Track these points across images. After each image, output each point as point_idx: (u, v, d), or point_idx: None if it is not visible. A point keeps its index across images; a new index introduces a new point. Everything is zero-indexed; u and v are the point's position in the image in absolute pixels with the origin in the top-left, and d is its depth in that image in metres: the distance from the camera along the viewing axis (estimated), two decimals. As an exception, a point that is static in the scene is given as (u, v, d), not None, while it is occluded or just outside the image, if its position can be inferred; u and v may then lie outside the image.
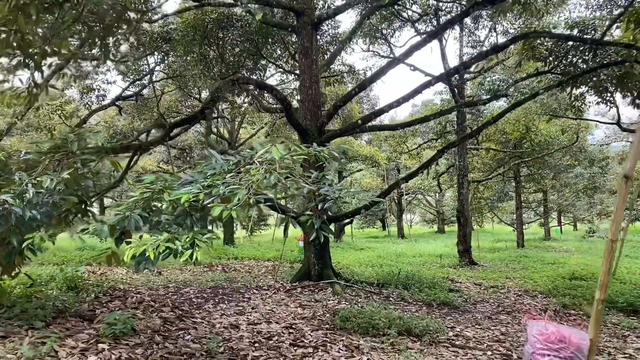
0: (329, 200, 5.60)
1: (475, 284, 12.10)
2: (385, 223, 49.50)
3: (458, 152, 17.75)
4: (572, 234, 39.38)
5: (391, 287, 9.61)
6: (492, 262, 18.44)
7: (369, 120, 9.08)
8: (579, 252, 22.90)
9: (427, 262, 17.94)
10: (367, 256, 19.32)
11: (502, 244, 28.71)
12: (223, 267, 13.19)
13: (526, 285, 12.46)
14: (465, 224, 17.59)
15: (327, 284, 9.14)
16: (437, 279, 11.09)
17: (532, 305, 9.12)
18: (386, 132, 24.45)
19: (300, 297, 8.42)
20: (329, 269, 9.49)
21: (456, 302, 8.64)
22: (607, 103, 13.18)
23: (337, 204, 5.72)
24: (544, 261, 18.31)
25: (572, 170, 26.27)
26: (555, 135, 19.77)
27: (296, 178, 4.79)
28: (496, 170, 23.13)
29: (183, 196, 4.22)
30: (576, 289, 10.72)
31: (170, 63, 20.11)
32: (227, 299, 8.22)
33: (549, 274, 14.25)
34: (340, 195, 5.51)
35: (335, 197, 5.58)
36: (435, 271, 15.01)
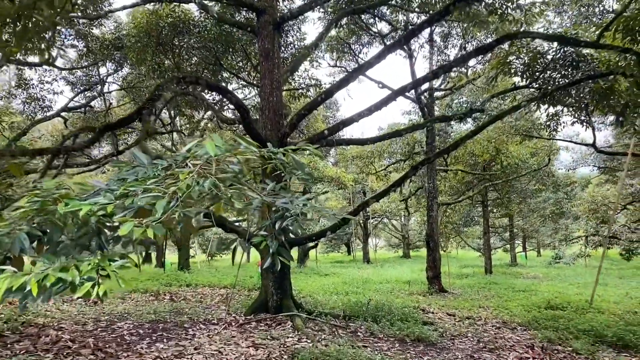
0: (289, 218, 4.53)
1: (449, 315, 11.13)
2: (351, 247, 48.52)
3: (427, 173, 16.99)
4: (536, 260, 39.25)
5: (359, 320, 8.51)
6: (461, 289, 17.60)
7: (336, 130, 8.09)
8: (547, 279, 22.40)
9: (394, 289, 16.94)
10: (332, 282, 18.19)
11: (469, 270, 28.06)
12: (172, 296, 11.82)
13: (502, 315, 11.59)
14: (434, 249, 16.73)
15: (287, 317, 7.98)
16: (409, 310, 10.07)
17: (514, 340, 8.18)
18: (353, 152, 23.63)
19: (254, 333, 7.22)
20: (289, 299, 8.33)
21: (432, 337, 7.61)
22: (583, 123, 12.66)
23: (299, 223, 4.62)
24: (515, 288, 17.60)
25: (540, 195, 25.99)
26: (525, 159, 19.34)
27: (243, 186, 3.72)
28: (465, 194, 22.52)
29: (83, 208, 3.06)
30: (557, 320, 9.90)
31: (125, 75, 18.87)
32: (167, 336, 6.95)
33: (523, 302, 13.46)
34: (303, 211, 4.45)
35: (297, 214, 4.52)
36: (404, 299, 14.02)
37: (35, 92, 17.22)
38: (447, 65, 8.39)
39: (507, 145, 18.01)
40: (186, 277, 16.67)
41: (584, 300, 13.55)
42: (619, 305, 13.33)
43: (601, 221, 27.67)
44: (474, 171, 21.31)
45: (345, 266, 33.13)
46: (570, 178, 28.43)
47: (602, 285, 19.39)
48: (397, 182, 8.34)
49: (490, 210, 26.86)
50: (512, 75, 11.44)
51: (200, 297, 12.22)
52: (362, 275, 22.20)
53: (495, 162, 20.11)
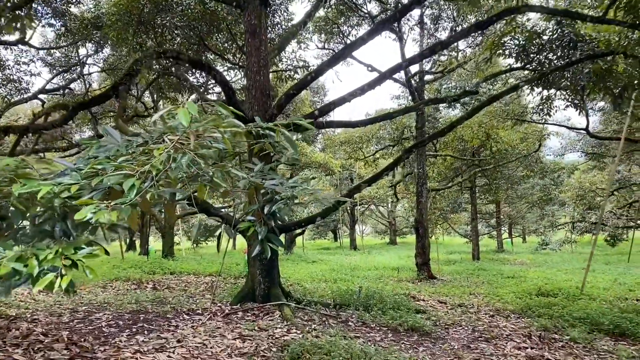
0: (279, 202, 4.16)
1: (440, 302, 10.90)
2: (337, 234, 48.34)
3: (417, 158, 16.69)
4: (522, 246, 39.45)
5: (350, 309, 8.20)
6: (450, 276, 17.44)
7: (327, 110, 7.70)
8: (535, 265, 22.39)
9: (383, 276, 16.71)
10: (320, 270, 17.91)
11: (457, 256, 28.02)
12: (155, 284, 11.41)
13: (494, 302, 11.38)
14: (424, 235, 16.50)
15: (275, 306, 7.63)
16: (400, 298, 9.80)
17: (510, 329, 7.94)
18: (341, 137, 23.23)
19: (241, 324, 6.87)
20: (278, 288, 7.98)
21: (426, 326, 7.33)
22: (577, 107, 12.42)
23: (289, 207, 4.27)
24: (504, 274, 17.48)
25: (528, 181, 25.91)
26: (514, 144, 19.12)
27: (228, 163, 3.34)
28: (453, 180, 22.31)
29: (42, 189, 2.65)
30: (551, 308, 9.70)
31: (106, 56, 18.18)
32: (148, 327, 6.56)
33: (513, 289, 13.30)
34: (294, 193, 4.08)
35: (287, 197, 4.15)
36: (393, 286, 13.77)
37: (12, 73, 16.50)
38: (445, 41, 8.02)
39: (498, 130, 17.76)
40: (170, 265, 16.24)
41: (574, 287, 13.42)
42: (608, 291, 13.22)
43: (588, 207, 27.76)
44: (463, 157, 21.07)
45: (333, 253, 32.93)
46: (558, 164, 28.38)
47: (590, 272, 19.35)
48: (389, 165, 7.99)
49: (477, 196, 26.76)
50: (506, 57, 11.12)
51: (185, 285, 11.83)
52: (349, 262, 21.97)
53: (484, 148, 19.90)
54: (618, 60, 9.13)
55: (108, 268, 14.78)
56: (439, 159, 21.88)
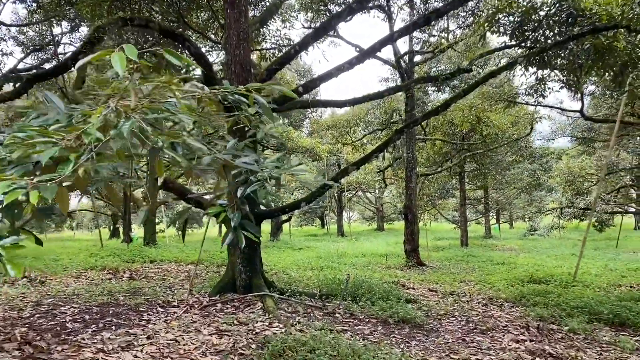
0: (256, 183, 3.62)
1: (431, 290, 10.49)
2: (325, 220, 47.96)
3: (406, 142, 16.19)
4: (509, 232, 39.39)
5: (337, 299, 7.71)
6: (439, 263, 17.09)
7: (312, 86, 7.12)
8: (524, 251, 22.16)
9: (371, 263, 16.30)
10: (306, 257, 17.44)
11: (445, 242, 27.75)
12: (132, 274, 10.83)
13: (486, 290, 11.01)
14: (413, 221, 16.09)
15: (257, 297, 7.12)
16: (389, 287, 9.35)
17: (505, 320, 7.53)
18: (329, 121, 22.63)
19: (219, 317, 6.35)
20: (260, 277, 7.46)
21: (418, 318, 6.88)
22: (572, 88, 12.00)
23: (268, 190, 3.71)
24: (493, 261, 17.17)
25: (518, 166, 25.61)
26: (505, 128, 18.70)
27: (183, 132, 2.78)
28: (442, 165, 21.89)
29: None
30: (545, 296, 9.33)
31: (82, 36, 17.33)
32: (117, 322, 6.01)
33: (505, 276, 12.96)
34: (274, 174, 3.55)
35: (265, 178, 3.61)
36: (382, 274, 13.36)
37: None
38: (440, 9, 7.44)
39: (489, 113, 17.32)
40: (151, 253, 15.65)
41: (566, 273, 13.12)
42: (600, 277, 12.94)
43: (576, 193, 27.59)
44: (453, 141, 20.62)
45: (320, 240, 32.50)
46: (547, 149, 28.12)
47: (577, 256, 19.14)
48: (378, 147, 7.48)
49: (466, 182, 26.44)
50: (500, 34, 10.62)
51: (164, 274, 11.28)
52: (337, 249, 21.54)
53: (474, 132, 19.46)
54: (619, 37, 8.67)
55: (85, 257, 14.16)
56: (428, 144, 21.42)
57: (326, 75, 7.00)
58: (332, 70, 6.93)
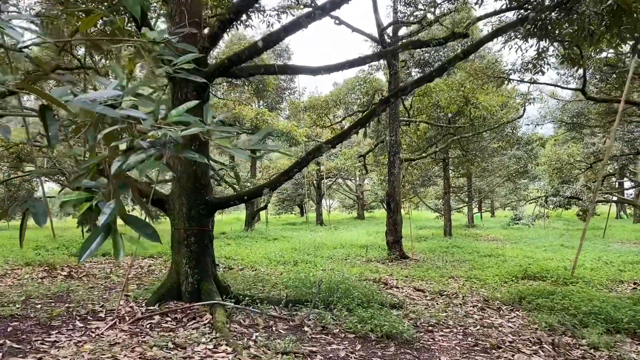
0: (144, 153, 2.16)
1: (418, 290, 9.20)
2: (304, 209, 46.59)
3: (390, 125, 14.84)
4: (491, 221, 38.53)
5: (307, 307, 6.32)
6: (423, 254, 15.88)
7: (276, 40, 5.54)
8: (509, 241, 21.13)
9: (350, 256, 15.00)
10: (280, 249, 16.05)
11: (427, 232, 26.65)
12: (71, 271, 9.29)
13: (478, 288, 9.78)
14: (396, 210, 14.79)
15: (206, 306, 5.70)
16: (370, 287, 8.03)
17: (509, 330, 6.26)
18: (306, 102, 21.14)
19: (151, 335, 4.92)
20: (211, 281, 6.04)
21: (405, 332, 5.53)
22: (574, 62, 10.73)
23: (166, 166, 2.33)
24: (480, 252, 16.04)
25: (504, 153, 24.50)
26: (494, 110, 17.46)
27: None
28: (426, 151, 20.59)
29: None
30: (548, 297, 8.12)
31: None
32: (10, 346, 4.53)
33: (496, 271, 11.79)
34: (178, 137, 2.12)
35: (168, 142, 2.17)
36: (361, 268, 12.06)
37: None
38: None
39: (478, 94, 16.03)
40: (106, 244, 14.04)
41: (562, 268, 11.99)
42: (598, 272, 11.84)
43: (562, 181, 26.68)
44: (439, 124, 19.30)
45: (297, 229, 31.12)
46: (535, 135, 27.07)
47: (569, 248, 18.16)
48: (359, 121, 6.10)
49: (450, 169, 25.30)
50: None
51: (111, 271, 9.78)
52: (314, 240, 20.18)
53: (461, 114, 18.19)
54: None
55: (29, 248, 12.56)
56: (411, 127, 20.08)
57: (293, 25, 5.54)
58: (300, 19, 5.47)
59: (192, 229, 5.94)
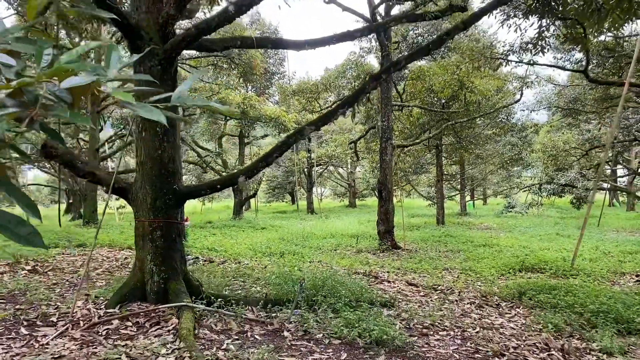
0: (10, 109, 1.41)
1: (410, 284, 8.60)
2: (295, 197, 45.91)
3: (382, 110, 14.17)
4: (484, 209, 38.08)
5: (289, 307, 5.68)
6: (416, 244, 15.32)
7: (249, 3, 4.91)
8: (503, 230, 20.65)
9: (340, 246, 14.41)
10: (267, 239, 15.42)
11: (419, 220, 26.13)
12: (36, 265, 8.58)
13: (474, 282, 9.22)
14: (387, 199, 14.17)
15: (173, 309, 5.05)
16: (359, 282, 7.42)
17: (512, 331, 5.67)
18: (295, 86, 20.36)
19: (105, 345, 4.26)
20: (180, 280, 5.37)
21: (397, 337, 4.91)
22: (578, 41, 10.09)
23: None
24: (474, 242, 15.52)
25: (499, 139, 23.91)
26: (490, 95, 16.79)
27: None
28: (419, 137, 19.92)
29: None
30: (549, 293, 7.53)
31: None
32: None
33: (491, 263, 11.25)
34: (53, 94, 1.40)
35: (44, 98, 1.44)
36: (351, 259, 11.47)
37: None
38: None
39: (473, 78, 15.36)
40: (83, 235, 13.36)
41: (560, 259, 11.45)
42: (598, 264, 11.33)
43: (557, 168, 26.18)
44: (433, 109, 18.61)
45: (288, 217, 30.50)
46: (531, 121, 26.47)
47: (565, 237, 17.70)
48: (347, 99, 5.42)
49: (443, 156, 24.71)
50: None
51: (81, 265, 9.08)
52: (304, 229, 19.55)
53: (456, 99, 17.53)
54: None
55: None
56: (404, 112, 19.40)
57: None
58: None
59: (157, 222, 5.26)
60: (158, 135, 5.23)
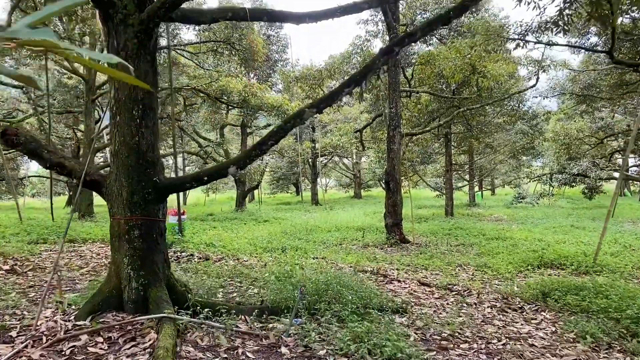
0: None
1: (422, 284, 7.89)
2: (299, 188, 45.23)
3: (389, 96, 13.40)
4: (493, 200, 37.25)
5: (286, 315, 4.98)
6: (425, 237, 14.59)
7: None
8: (515, 222, 19.86)
9: (345, 240, 13.69)
10: (269, 232, 14.73)
11: (427, 212, 25.36)
12: (15, 264, 7.91)
13: (491, 280, 8.51)
14: (395, 190, 13.44)
15: (153, 321, 4.36)
16: (367, 285, 6.72)
17: (542, 342, 4.96)
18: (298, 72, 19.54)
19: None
20: (162, 286, 4.65)
21: (413, 353, 4.20)
22: (603, 19, 9.26)
23: None
24: (485, 235, 14.77)
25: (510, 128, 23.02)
26: (503, 79, 15.93)
27: None
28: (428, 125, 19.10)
29: None
30: (577, 294, 6.80)
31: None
32: None
33: (507, 258, 10.52)
34: None
35: None
36: (357, 255, 10.77)
37: None
38: None
39: (486, 62, 14.50)
40: (77, 229, 12.72)
41: (580, 253, 10.70)
42: (621, 259, 10.56)
43: (569, 157, 25.32)
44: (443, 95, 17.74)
45: (292, 209, 29.82)
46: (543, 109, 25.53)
47: (580, 229, 16.90)
48: (354, 76, 4.69)
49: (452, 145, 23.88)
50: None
51: (68, 262, 8.42)
52: (307, 221, 18.86)
53: (467, 85, 16.69)
54: None
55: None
56: (412, 99, 18.57)
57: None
58: None
59: (135, 219, 4.55)
60: (134, 119, 4.51)
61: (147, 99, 4.55)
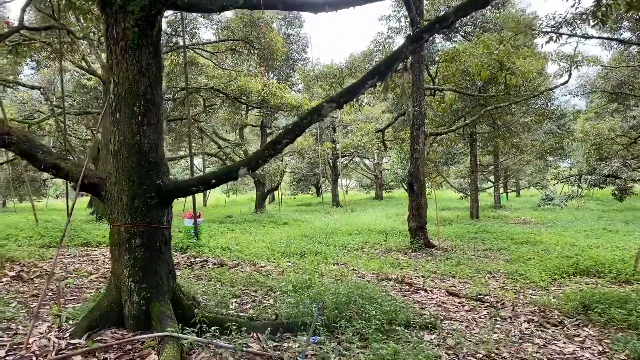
0: None
1: (451, 295, 7.33)
2: (320, 189, 44.76)
3: (413, 93, 12.85)
4: (518, 201, 36.25)
5: (303, 333, 4.50)
6: (450, 242, 13.98)
7: None
8: (544, 225, 19.04)
9: (367, 244, 13.18)
10: (288, 236, 14.30)
11: (451, 214, 24.67)
12: (22, 270, 7.60)
13: (524, 289, 7.91)
14: (420, 193, 12.86)
15: (155, 340, 3.93)
16: (391, 297, 6.21)
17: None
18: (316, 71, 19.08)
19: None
20: (166, 301, 4.22)
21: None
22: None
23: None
24: (514, 239, 14.07)
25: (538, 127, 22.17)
26: (532, 77, 15.20)
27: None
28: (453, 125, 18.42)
29: None
30: (622, 306, 6.17)
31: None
32: None
33: (540, 265, 9.88)
34: None
35: None
36: (380, 261, 10.25)
37: None
38: None
39: (515, 57, 13.82)
40: (92, 232, 12.46)
41: (618, 260, 10.00)
42: (663, 266, 9.81)
43: (599, 158, 24.30)
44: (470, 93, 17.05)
45: (312, 210, 29.38)
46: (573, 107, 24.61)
47: (613, 233, 16.05)
48: (379, 66, 4.19)
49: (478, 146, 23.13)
50: None
51: (79, 267, 8.10)
52: (328, 224, 18.37)
53: (494, 82, 16.00)
54: None
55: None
56: (436, 98, 17.93)
57: None
58: None
59: (136, 226, 4.13)
60: (135, 115, 4.08)
61: (149, 93, 4.13)
